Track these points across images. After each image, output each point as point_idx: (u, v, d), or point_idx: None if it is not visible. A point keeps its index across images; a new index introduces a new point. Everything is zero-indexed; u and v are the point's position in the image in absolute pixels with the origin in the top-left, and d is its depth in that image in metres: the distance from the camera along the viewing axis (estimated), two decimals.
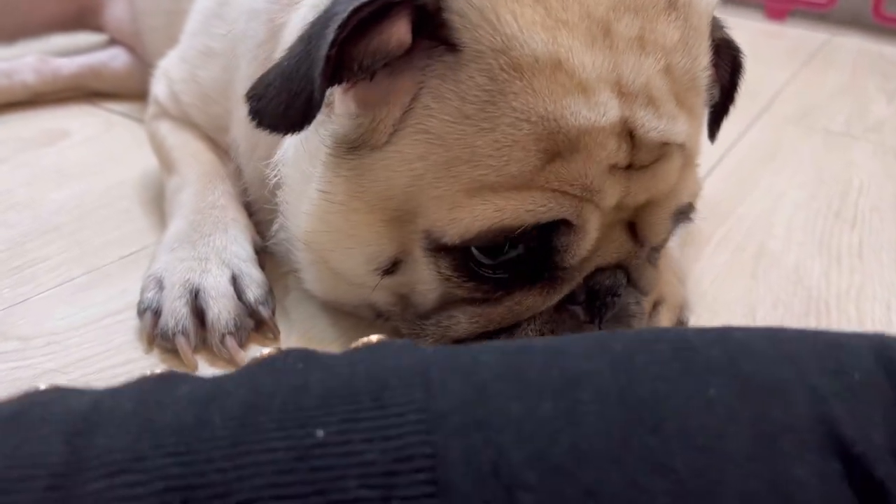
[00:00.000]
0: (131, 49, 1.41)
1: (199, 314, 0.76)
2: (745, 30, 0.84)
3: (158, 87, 1.02)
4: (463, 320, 0.68)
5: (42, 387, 0.45)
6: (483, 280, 0.66)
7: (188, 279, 0.77)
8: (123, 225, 0.99)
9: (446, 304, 0.69)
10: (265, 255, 0.86)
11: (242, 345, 0.76)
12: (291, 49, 0.62)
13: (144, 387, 0.44)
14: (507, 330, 0.68)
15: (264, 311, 0.78)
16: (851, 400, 0.42)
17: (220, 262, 0.79)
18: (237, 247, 0.82)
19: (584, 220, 0.63)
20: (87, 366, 0.74)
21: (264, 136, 0.74)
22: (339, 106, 0.66)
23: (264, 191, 0.80)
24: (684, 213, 0.71)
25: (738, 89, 0.84)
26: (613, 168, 0.63)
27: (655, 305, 0.80)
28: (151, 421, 0.40)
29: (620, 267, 0.69)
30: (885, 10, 2.22)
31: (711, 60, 0.72)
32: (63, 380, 0.71)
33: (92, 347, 0.76)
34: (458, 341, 0.68)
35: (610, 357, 0.44)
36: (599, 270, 0.67)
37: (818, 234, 1.11)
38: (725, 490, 0.39)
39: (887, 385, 0.44)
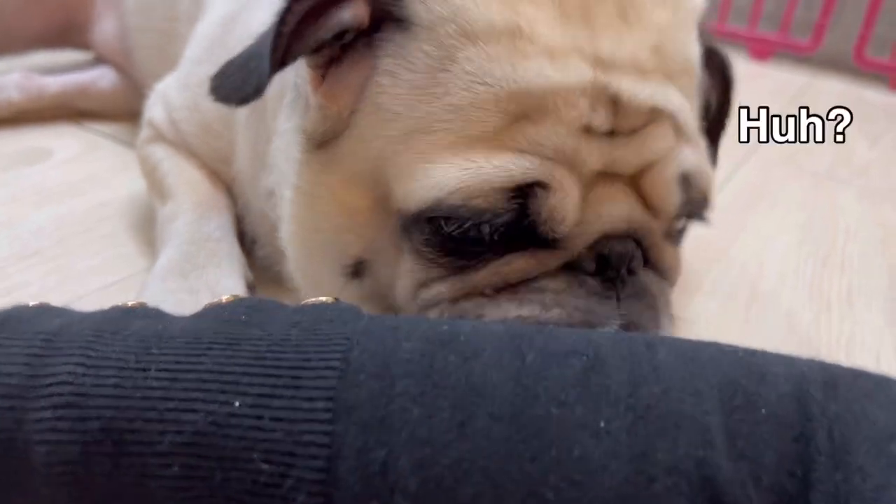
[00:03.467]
0: (119, 68, 1.38)
1: None
2: None
3: (155, 111, 1.00)
4: (444, 290, 0.63)
5: (31, 304, 0.51)
6: (461, 250, 0.61)
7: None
8: (106, 250, 0.97)
9: (423, 289, 0.65)
10: (257, 292, 0.84)
11: None
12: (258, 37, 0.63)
13: (109, 316, 0.49)
14: (509, 290, 0.62)
15: None
16: (745, 439, 0.43)
17: (211, 297, 0.77)
18: (230, 282, 0.80)
19: (560, 180, 0.58)
20: None
21: (266, 166, 0.74)
22: (311, 104, 0.66)
23: (266, 222, 0.78)
24: (696, 199, 0.66)
25: (733, 103, 0.82)
26: (589, 131, 0.59)
27: None
28: (101, 355, 0.45)
29: (633, 240, 0.64)
30: (866, 54, 2.26)
31: (704, 71, 0.72)
32: None
33: None
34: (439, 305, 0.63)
35: (518, 368, 0.45)
36: (608, 239, 0.62)
37: (808, 279, 1.11)
38: None
39: (795, 418, 0.43)
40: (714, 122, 0.83)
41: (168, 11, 1.19)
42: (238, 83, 0.62)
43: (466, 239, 0.60)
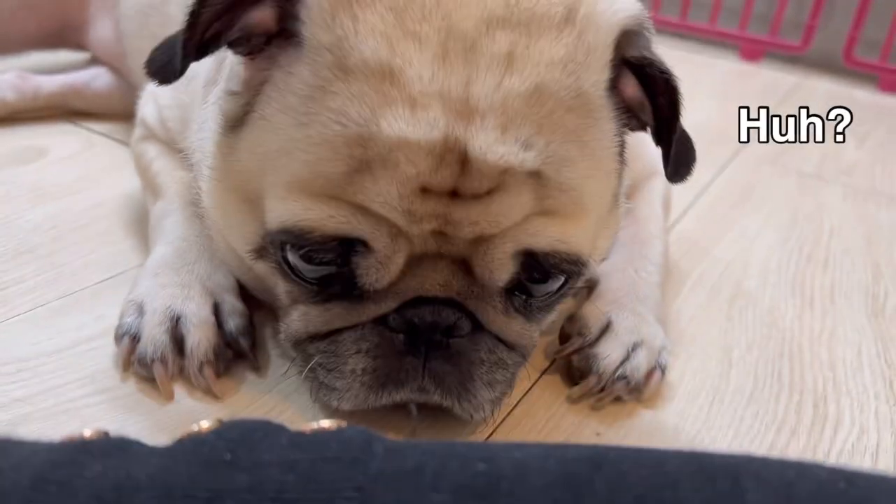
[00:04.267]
0: (115, 69, 1.40)
1: (178, 342, 0.75)
2: (719, 69, 0.85)
3: (146, 110, 1.01)
4: (295, 317, 0.70)
5: None
6: (298, 280, 0.67)
7: (170, 306, 0.76)
8: (100, 248, 0.98)
9: (292, 301, 0.71)
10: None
11: (221, 375, 0.76)
12: None
13: (60, 457, 0.39)
14: (331, 336, 0.68)
15: (244, 342, 0.77)
16: None
17: (203, 291, 0.79)
18: (221, 276, 0.82)
19: (383, 243, 0.61)
20: (59, 395, 0.72)
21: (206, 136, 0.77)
22: (231, 84, 0.69)
23: None
24: (553, 269, 0.66)
25: (680, 114, 0.73)
26: (427, 191, 0.60)
27: (634, 347, 0.80)
28: None
29: (456, 304, 0.65)
30: (855, 55, 2.28)
31: (642, 86, 0.69)
32: (33, 409, 0.70)
33: (64, 375, 0.75)
34: (297, 342, 0.71)
35: None
36: (423, 301, 0.65)
37: (791, 276, 1.13)
38: None
39: None
40: (663, 130, 0.75)
41: (160, 17, 1.20)
42: (163, 63, 0.65)
43: (309, 266, 0.65)
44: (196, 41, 0.63)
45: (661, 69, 0.69)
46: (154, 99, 1.01)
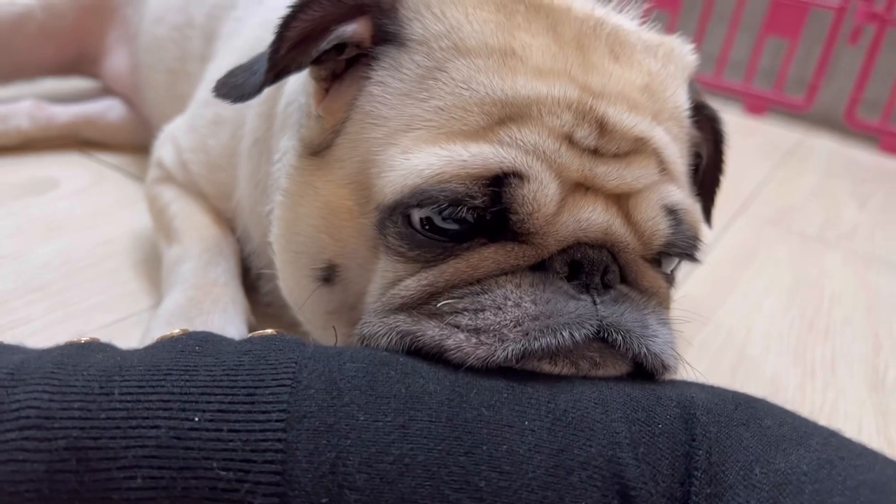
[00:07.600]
0: (128, 101, 1.41)
1: None
2: None
3: (164, 152, 1.02)
4: (411, 284, 0.60)
5: None
6: (429, 242, 0.60)
7: None
8: (111, 288, 0.98)
9: (396, 279, 0.63)
10: None
11: None
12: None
13: (67, 351, 0.52)
14: (468, 288, 0.59)
15: None
16: (645, 447, 0.51)
17: None
18: (234, 329, 0.82)
19: (538, 173, 0.58)
20: None
21: (266, 190, 0.77)
22: (311, 115, 0.70)
23: (267, 251, 0.81)
24: (686, 236, 0.64)
25: (725, 159, 0.84)
26: (572, 142, 0.60)
27: None
28: (65, 383, 0.47)
29: (610, 253, 0.61)
30: (857, 115, 2.32)
31: (694, 125, 0.75)
32: None
33: None
34: (403, 307, 0.60)
35: (452, 381, 0.53)
36: (583, 245, 0.60)
37: (794, 344, 1.13)
38: None
39: (683, 437, 0.52)
40: (708, 177, 0.85)
41: (179, 51, 1.21)
42: (240, 82, 0.66)
43: (437, 230, 0.59)
44: (283, 54, 0.63)
45: (718, 119, 0.79)
46: (173, 141, 1.01)
